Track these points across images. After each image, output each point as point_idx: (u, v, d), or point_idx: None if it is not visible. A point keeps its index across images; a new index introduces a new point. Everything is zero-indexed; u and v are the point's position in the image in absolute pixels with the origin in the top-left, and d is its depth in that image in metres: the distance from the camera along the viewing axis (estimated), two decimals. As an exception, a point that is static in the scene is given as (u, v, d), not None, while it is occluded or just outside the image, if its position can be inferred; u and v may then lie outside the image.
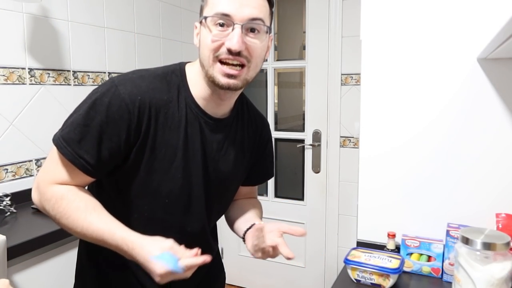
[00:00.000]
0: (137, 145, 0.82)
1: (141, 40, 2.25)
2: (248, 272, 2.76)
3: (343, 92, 2.37)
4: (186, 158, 0.87)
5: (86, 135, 0.79)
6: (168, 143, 0.85)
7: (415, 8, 1.16)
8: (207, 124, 0.90)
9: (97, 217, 0.79)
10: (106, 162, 0.81)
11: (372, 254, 1.08)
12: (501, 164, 1.10)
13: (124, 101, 0.79)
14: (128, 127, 0.80)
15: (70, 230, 0.81)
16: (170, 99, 0.85)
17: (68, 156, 0.79)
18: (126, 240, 0.76)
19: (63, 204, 0.79)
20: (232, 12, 0.77)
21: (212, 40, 0.79)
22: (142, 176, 0.85)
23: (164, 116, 0.84)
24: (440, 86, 1.15)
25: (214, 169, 0.93)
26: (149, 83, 0.83)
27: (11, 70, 1.59)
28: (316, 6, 2.39)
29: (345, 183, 2.43)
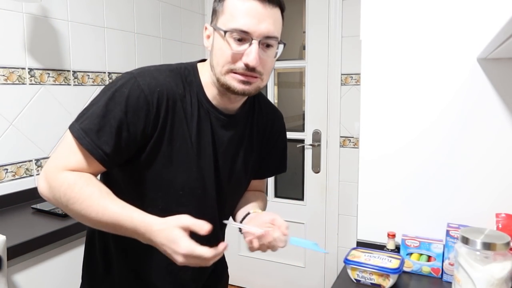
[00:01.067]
0: (154, 136, 0.83)
1: (141, 40, 2.25)
2: (248, 272, 2.75)
3: (343, 92, 2.37)
4: (198, 152, 0.89)
5: (105, 126, 0.79)
6: (183, 135, 0.86)
7: (415, 8, 1.16)
8: (218, 119, 0.92)
9: (112, 202, 0.78)
10: (122, 153, 0.82)
11: (372, 254, 1.08)
12: (501, 164, 1.10)
13: (144, 92, 0.81)
14: (147, 118, 0.81)
15: (83, 216, 0.79)
16: (184, 93, 0.87)
17: (86, 146, 0.79)
18: (145, 222, 0.75)
19: (76, 189, 0.78)
20: (251, 29, 0.79)
21: (231, 55, 0.81)
22: (159, 168, 0.86)
23: (180, 109, 0.86)
24: (439, 86, 1.15)
25: (224, 164, 0.95)
26: (166, 76, 0.86)
27: (11, 70, 1.59)
28: (316, 6, 2.39)
29: (345, 183, 2.43)
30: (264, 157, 1.07)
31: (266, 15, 0.81)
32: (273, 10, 0.83)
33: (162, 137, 0.84)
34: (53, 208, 1.51)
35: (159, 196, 0.88)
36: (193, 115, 0.88)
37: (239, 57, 0.81)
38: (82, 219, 0.80)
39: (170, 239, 0.73)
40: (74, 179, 0.79)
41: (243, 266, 2.76)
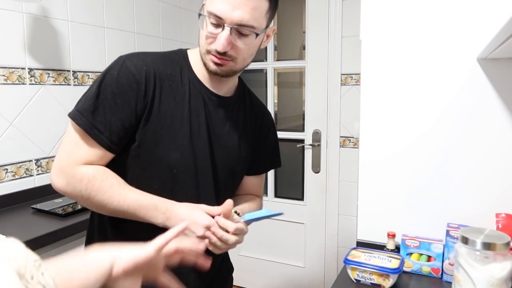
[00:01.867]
0: (145, 114, 0.87)
1: (141, 40, 2.25)
2: (248, 272, 2.75)
3: (343, 92, 2.37)
4: (191, 129, 0.91)
5: (99, 107, 0.84)
6: (173, 113, 0.90)
7: (415, 8, 1.16)
8: (211, 100, 0.95)
9: (130, 190, 0.86)
10: (119, 133, 0.86)
11: (372, 254, 1.08)
12: (501, 164, 1.10)
13: (132, 72, 0.86)
14: (137, 96, 0.86)
15: (105, 206, 0.85)
16: (173, 73, 0.91)
17: (83, 126, 0.84)
18: (167, 204, 0.85)
19: (97, 183, 0.84)
20: (223, 15, 0.83)
21: (206, 37, 0.87)
22: (151, 146, 0.89)
23: (169, 87, 0.90)
24: (439, 86, 1.15)
25: (219, 144, 0.97)
26: (154, 58, 0.91)
27: (11, 70, 1.59)
28: (316, 6, 2.39)
29: (345, 183, 2.43)
30: (257, 152, 1.08)
31: (243, 3, 0.82)
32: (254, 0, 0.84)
33: (150, 114, 0.88)
34: (53, 208, 1.51)
35: (154, 175, 0.91)
36: (184, 94, 0.91)
37: (213, 40, 0.86)
38: (103, 208, 0.87)
39: (191, 214, 0.83)
40: (93, 173, 0.85)
41: (243, 266, 2.76)
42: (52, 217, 1.46)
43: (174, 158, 0.90)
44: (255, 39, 0.88)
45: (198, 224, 0.82)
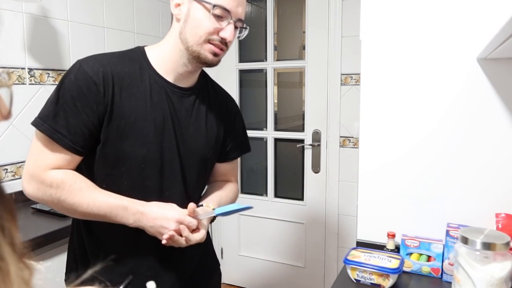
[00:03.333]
0: (107, 113, 0.89)
1: (141, 40, 2.25)
2: (248, 272, 2.76)
3: (343, 92, 2.37)
4: (155, 123, 0.94)
5: (59, 111, 0.87)
6: (135, 109, 0.92)
7: (415, 8, 1.16)
8: (174, 92, 0.98)
9: (100, 193, 0.89)
10: (83, 135, 0.88)
11: (372, 254, 1.08)
12: (501, 164, 1.10)
13: (89, 74, 0.88)
14: (96, 97, 0.88)
15: (75, 210, 0.88)
16: (132, 71, 0.94)
17: (46, 132, 0.86)
18: (136, 205, 0.88)
19: (66, 187, 0.86)
20: (231, 9, 0.91)
21: (213, 28, 0.91)
22: (116, 144, 0.91)
23: (128, 85, 0.92)
24: (439, 86, 1.15)
25: (186, 134, 1.00)
26: (110, 58, 0.93)
27: (10, 70, 1.59)
28: (316, 6, 2.39)
29: (345, 183, 2.43)
30: (226, 138, 1.12)
31: (243, 2, 0.95)
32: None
33: (112, 113, 0.90)
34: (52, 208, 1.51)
35: (123, 172, 0.93)
36: (146, 90, 0.94)
37: (217, 31, 0.92)
38: (74, 212, 0.89)
39: (162, 210, 0.86)
40: (61, 178, 0.87)
41: (243, 266, 2.76)
42: (52, 217, 1.46)
43: (140, 153, 0.93)
44: (239, 34, 0.99)
45: (170, 219, 0.86)
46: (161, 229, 0.87)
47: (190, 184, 1.02)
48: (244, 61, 2.67)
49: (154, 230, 0.88)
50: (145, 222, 0.87)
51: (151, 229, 0.88)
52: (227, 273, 2.84)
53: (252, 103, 2.75)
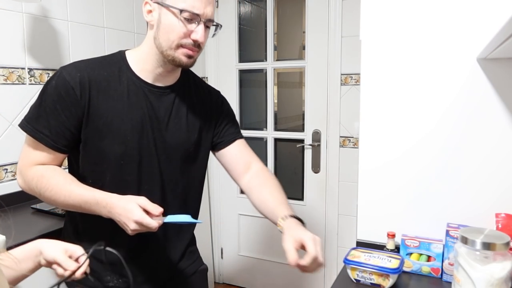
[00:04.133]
0: (84, 115, 0.97)
1: (140, 40, 2.24)
2: (248, 272, 2.76)
3: (343, 92, 2.37)
4: (133, 122, 1.00)
5: (42, 114, 0.96)
6: (113, 110, 0.98)
7: (415, 8, 1.16)
8: (152, 92, 1.03)
9: (76, 186, 0.96)
10: (63, 135, 0.97)
11: (372, 254, 1.08)
12: (501, 164, 1.10)
13: (66, 80, 0.95)
14: (74, 100, 0.95)
15: (54, 201, 0.97)
16: (110, 74, 1.00)
17: (30, 132, 0.96)
18: (106, 199, 0.92)
19: (44, 181, 0.96)
20: (200, 12, 0.95)
21: (183, 32, 0.95)
22: (96, 142, 0.99)
23: (106, 87, 0.99)
24: (439, 86, 1.15)
25: (165, 131, 1.05)
26: (88, 63, 1.00)
27: (10, 70, 1.59)
28: (316, 6, 2.39)
29: (345, 183, 2.43)
30: (217, 125, 1.17)
31: (210, 2, 0.97)
32: None
33: (89, 114, 0.97)
34: (52, 208, 1.51)
35: (105, 168, 1.01)
36: (123, 91, 1.00)
37: (188, 34, 0.96)
38: (54, 203, 0.98)
39: (127, 208, 0.89)
40: (41, 172, 0.97)
41: (243, 266, 2.76)
42: (52, 217, 1.46)
43: (119, 151, 0.99)
44: (215, 32, 1.04)
45: (130, 219, 0.89)
46: (124, 225, 0.91)
47: (171, 178, 1.08)
48: (244, 61, 2.67)
49: (120, 224, 0.93)
50: (114, 215, 0.92)
51: (118, 223, 0.93)
52: (227, 273, 2.84)
53: (252, 103, 2.75)
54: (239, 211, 2.73)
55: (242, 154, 1.19)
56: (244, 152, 1.20)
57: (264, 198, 1.12)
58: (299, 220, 1.00)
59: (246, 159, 1.19)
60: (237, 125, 1.22)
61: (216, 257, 2.84)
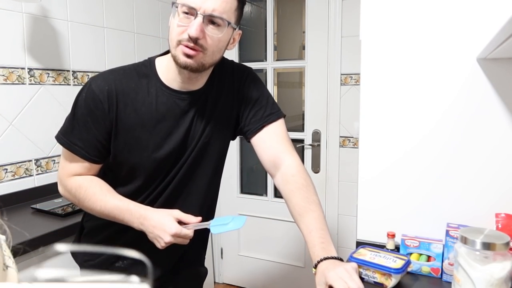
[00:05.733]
0: (113, 128, 0.98)
1: (140, 40, 2.25)
2: (248, 272, 2.75)
3: (343, 92, 2.37)
4: (162, 134, 1.00)
5: (75, 126, 0.98)
6: (140, 123, 0.98)
7: (414, 8, 1.16)
8: (181, 99, 1.01)
9: (112, 197, 0.98)
10: (96, 147, 0.99)
11: (379, 254, 1.08)
12: (501, 164, 1.10)
13: (95, 93, 0.96)
14: (103, 113, 0.96)
15: (92, 210, 1.01)
16: (138, 85, 0.99)
17: (65, 145, 0.99)
18: (140, 211, 0.95)
19: (82, 192, 0.99)
20: (197, 5, 0.89)
21: (178, 25, 0.91)
22: (124, 155, 1.00)
23: (133, 100, 0.98)
24: (439, 86, 1.15)
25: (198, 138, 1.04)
26: (117, 75, 0.99)
27: (10, 70, 1.59)
28: (316, 6, 2.39)
29: (345, 183, 2.43)
30: (242, 117, 1.11)
31: None
32: None
33: (118, 127, 0.98)
34: (52, 208, 1.51)
35: (135, 177, 1.03)
36: (151, 103, 0.99)
37: (185, 30, 0.90)
38: (92, 212, 1.01)
39: (163, 222, 0.91)
40: (79, 183, 1.00)
41: (243, 266, 2.76)
42: (52, 217, 1.46)
43: (147, 163, 1.00)
44: (225, 32, 0.93)
45: (166, 232, 0.90)
46: (158, 238, 0.92)
47: (201, 176, 1.08)
48: (244, 61, 2.67)
49: (152, 236, 0.94)
50: (146, 227, 0.94)
51: (150, 235, 0.94)
52: (227, 273, 2.84)
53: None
54: (239, 211, 2.73)
55: (268, 145, 1.08)
56: (271, 142, 1.08)
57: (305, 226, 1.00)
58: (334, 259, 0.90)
59: (272, 152, 1.07)
60: (265, 107, 1.10)
61: (216, 257, 2.84)
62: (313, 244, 0.95)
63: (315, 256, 0.92)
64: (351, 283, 0.80)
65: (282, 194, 1.06)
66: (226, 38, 0.96)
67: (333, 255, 0.91)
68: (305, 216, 0.99)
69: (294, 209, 1.01)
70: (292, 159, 1.06)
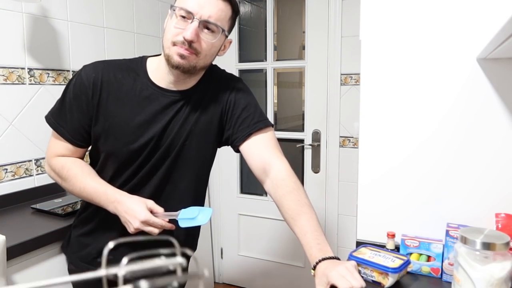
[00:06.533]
0: (94, 113, 1.02)
1: (140, 40, 2.25)
2: (248, 272, 2.75)
3: (343, 92, 2.37)
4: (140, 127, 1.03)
5: (63, 109, 1.04)
6: (120, 111, 1.02)
7: (414, 8, 1.16)
8: (164, 96, 1.05)
9: (91, 180, 1.02)
10: (79, 131, 1.04)
11: (379, 253, 1.08)
12: (500, 164, 1.10)
13: (83, 79, 1.02)
14: (87, 99, 1.02)
15: (72, 191, 1.06)
16: (125, 77, 1.04)
17: (52, 125, 1.05)
18: (116, 195, 0.99)
19: (64, 172, 1.05)
20: (194, 10, 0.94)
21: (174, 27, 0.96)
22: (101, 142, 1.04)
23: (116, 90, 1.02)
24: (439, 86, 1.15)
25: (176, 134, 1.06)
26: (107, 65, 1.05)
27: (10, 70, 1.58)
28: (316, 6, 2.39)
29: (345, 183, 2.44)
30: (229, 123, 1.12)
31: (212, 3, 0.95)
32: (221, 3, 0.97)
33: (98, 114, 1.02)
34: (52, 208, 1.51)
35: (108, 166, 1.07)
36: (134, 96, 1.03)
37: (181, 32, 0.95)
38: (72, 193, 1.07)
39: (134, 208, 0.95)
40: (62, 164, 1.06)
41: (243, 266, 2.76)
42: (52, 217, 1.46)
43: (120, 153, 1.04)
44: (218, 38, 0.99)
45: (136, 218, 0.94)
46: (128, 223, 0.96)
47: (180, 179, 1.10)
48: (244, 61, 2.67)
49: (123, 220, 0.98)
50: (119, 211, 0.98)
51: (122, 219, 0.99)
52: (227, 273, 2.84)
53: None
54: (239, 211, 2.73)
55: (256, 152, 1.09)
56: (259, 149, 1.09)
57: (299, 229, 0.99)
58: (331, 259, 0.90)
59: (260, 158, 1.08)
60: (253, 115, 1.11)
61: (216, 257, 2.84)
62: (309, 246, 0.95)
63: (313, 258, 0.93)
64: (354, 281, 0.81)
65: (273, 200, 1.05)
66: (219, 44, 1.03)
67: (330, 255, 0.91)
68: (298, 219, 0.98)
69: (287, 213, 1.01)
70: (281, 164, 1.06)
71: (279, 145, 1.13)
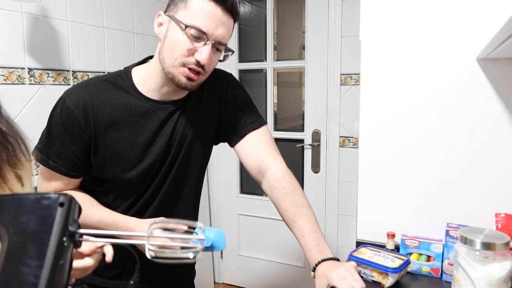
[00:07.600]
0: (91, 143, 0.95)
1: (140, 40, 2.25)
2: (248, 272, 2.76)
3: (343, 92, 2.37)
4: (144, 146, 0.98)
5: (51, 143, 0.95)
6: (121, 138, 0.96)
7: (414, 8, 1.16)
8: (161, 109, 0.99)
9: (96, 210, 0.96)
10: (74, 162, 0.96)
11: (379, 253, 1.08)
12: (500, 164, 1.10)
13: (70, 109, 0.92)
14: (79, 130, 0.93)
15: None
16: (116, 97, 0.96)
17: (42, 162, 0.96)
18: (125, 222, 0.94)
19: None
20: (209, 32, 0.88)
21: (187, 49, 0.89)
22: (106, 170, 0.98)
23: (111, 114, 0.95)
24: (439, 86, 1.15)
25: (178, 145, 1.02)
26: (92, 88, 0.95)
27: (10, 70, 1.58)
28: (316, 6, 2.39)
29: (345, 183, 2.44)
30: (230, 118, 1.09)
31: (224, 22, 0.90)
32: (230, 21, 0.92)
33: (97, 144, 0.95)
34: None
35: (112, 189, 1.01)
36: (131, 115, 0.96)
37: (192, 53, 0.89)
38: None
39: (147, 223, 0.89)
40: None
41: (243, 266, 2.76)
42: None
43: (129, 176, 0.98)
44: (222, 53, 0.96)
45: None
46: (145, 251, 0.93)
47: (184, 186, 1.07)
48: (244, 61, 2.67)
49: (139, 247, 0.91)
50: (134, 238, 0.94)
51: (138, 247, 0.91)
52: (227, 273, 2.84)
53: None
54: (239, 211, 2.73)
55: (251, 152, 1.08)
56: (254, 149, 1.08)
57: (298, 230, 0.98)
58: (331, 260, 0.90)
59: (256, 158, 1.07)
60: (247, 115, 1.10)
61: (216, 257, 2.84)
62: (308, 248, 0.94)
63: (312, 259, 0.92)
64: (355, 283, 0.81)
65: (271, 200, 1.05)
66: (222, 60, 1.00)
67: (329, 256, 0.91)
68: (296, 221, 0.98)
69: (285, 215, 1.01)
70: (276, 164, 1.05)
71: (277, 144, 1.13)
